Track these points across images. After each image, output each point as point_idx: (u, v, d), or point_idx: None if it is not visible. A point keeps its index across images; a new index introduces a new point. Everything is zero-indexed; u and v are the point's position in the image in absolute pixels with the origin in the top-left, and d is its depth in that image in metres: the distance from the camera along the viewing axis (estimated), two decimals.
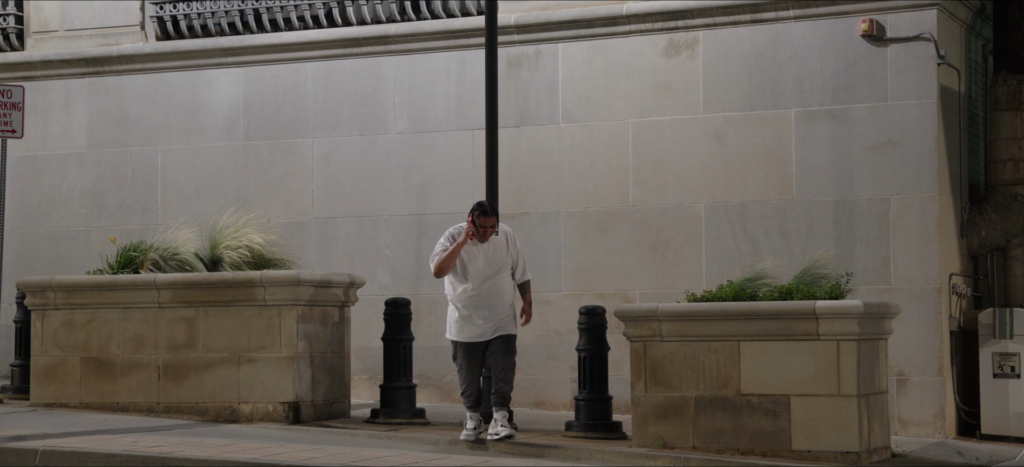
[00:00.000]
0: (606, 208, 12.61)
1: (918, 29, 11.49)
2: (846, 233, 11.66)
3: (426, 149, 13.29)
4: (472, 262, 9.69)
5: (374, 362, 12.06)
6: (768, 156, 12.00)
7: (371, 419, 11.05)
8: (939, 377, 11.24)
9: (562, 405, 12.34)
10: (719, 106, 12.21)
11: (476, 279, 9.68)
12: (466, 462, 8.53)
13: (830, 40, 11.81)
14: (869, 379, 9.56)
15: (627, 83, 12.56)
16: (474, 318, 9.68)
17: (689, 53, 12.33)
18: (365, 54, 13.50)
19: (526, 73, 12.93)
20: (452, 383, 12.98)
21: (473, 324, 9.69)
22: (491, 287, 9.71)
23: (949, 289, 11.44)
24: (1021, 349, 11.14)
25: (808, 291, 9.70)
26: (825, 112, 11.82)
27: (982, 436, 11.16)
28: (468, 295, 9.65)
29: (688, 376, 9.76)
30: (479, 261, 9.71)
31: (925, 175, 11.43)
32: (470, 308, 9.66)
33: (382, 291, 12.78)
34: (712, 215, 12.19)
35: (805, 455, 9.34)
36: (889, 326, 9.99)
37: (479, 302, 9.67)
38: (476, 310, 9.68)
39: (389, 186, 13.40)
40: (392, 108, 13.46)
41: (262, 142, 13.85)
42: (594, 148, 12.67)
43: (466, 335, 9.72)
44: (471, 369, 9.79)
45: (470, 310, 9.66)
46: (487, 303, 9.68)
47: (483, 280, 9.68)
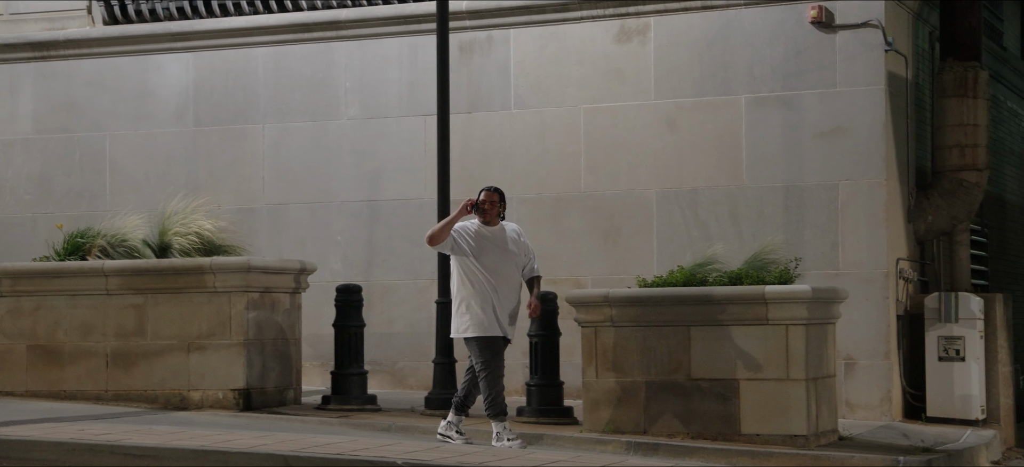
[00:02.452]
0: (558, 194, 12.62)
1: (866, 16, 11.58)
2: (796, 218, 11.74)
3: (378, 135, 13.24)
4: (484, 255, 9.06)
5: (326, 349, 12.02)
6: (719, 142, 12.07)
7: (322, 406, 11.01)
8: (886, 361, 11.36)
9: (514, 391, 12.32)
10: (670, 92, 12.25)
11: (489, 271, 9.04)
12: (417, 447, 8.52)
13: (780, 27, 11.88)
14: (817, 363, 9.65)
15: (579, 69, 12.57)
16: (487, 311, 8.99)
17: (640, 39, 12.36)
18: (316, 39, 13.43)
19: (478, 59, 12.91)
20: (404, 369, 12.97)
21: (490, 318, 8.99)
22: (501, 282, 9.07)
23: (896, 274, 11.56)
24: (966, 333, 11.27)
25: (758, 276, 9.77)
26: (775, 98, 11.89)
27: (927, 419, 11.29)
28: (482, 288, 9.00)
29: (639, 361, 9.80)
30: (491, 255, 9.08)
31: (873, 161, 11.53)
32: (483, 301, 9.00)
33: (334, 277, 12.73)
34: (663, 201, 12.24)
35: (754, 439, 9.41)
36: (837, 311, 10.08)
37: (491, 296, 9.01)
38: (487, 304, 9.01)
39: (341, 172, 13.34)
40: (344, 94, 13.39)
41: (212, 128, 13.74)
42: (546, 134, 12.68)
43: (486, 329, 8.98)
44: (500, 366, 9.01)
45: (483, 303, 9.00)
46: (498, 297, 9.04)
47: (495, 273, 9.05)
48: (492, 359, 8.98)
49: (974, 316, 11.32)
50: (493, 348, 9.00)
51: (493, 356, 9.00)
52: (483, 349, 9.00)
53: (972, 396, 11.20)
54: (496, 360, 9.01)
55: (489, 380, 8.98)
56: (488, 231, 9.18)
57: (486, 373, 8.98)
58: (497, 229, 9.22)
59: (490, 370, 8.97)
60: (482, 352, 8.99)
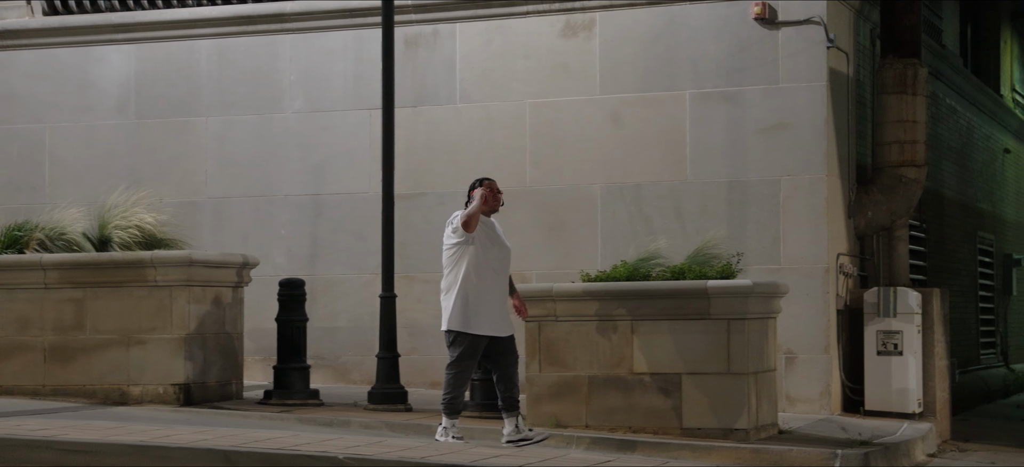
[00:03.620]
0: (503, 188, 12.52)
1: (809, 13, 11.68)
2: (738, 213, 11.83)
3: (323, 129, 13.18)
4: (487, 251, 8.83)
5: (268, 343, 11.95)
6: (663, 137, 12.12)
7: (264, 401, 10.95)
8: (826, 355, 11.48)
9: None
10: (616, 87, 12.29)
11: (491, 268, 8.84)
12: (359, 441, 8.49)
13: (724, 23, 11.95)
14: (758, 357, 9.73)
15: (525, 64, 12.58)
16: (482, 310, 8.79)
17: (586, 34, 12.39)
18: (261, 32, 13.33)
19: (424, 53, 12.88)
20: (348, 364, 12.93)
21: (483, 317, 8.79)
22: (500, 281, 8.89)
23: (837, 269, 11.68)
24: (904, 327, 11.41)
25: (700, 271, 9.83)
26: (719, 94, 11.97)
27: (866, 412, 11.42)
28: (484, 285, 8.77)
29: (582, 356, 9.83)
30: (494, 251, 8.87)
31: (815, 157, 11.63)
32: (482, 300, 8.77)
33: (277, 272, 12.66)
34: (608, 196, 12.28)
35: (695, 432, 9.47)
36: (778, 305, 10.17)
37: (491, 294, 8.80)
38: (486, 303, 8.79)
39: (285, 166, 13.26)
40: (288, 87, 13.32)
41: (155, 120, 13.61)
42: (492, 129, 12.68)
43: (480, 328, 8.76)
44: (471, 369, 8.91)
45: (481, 302, 8.77)
46: (497, 296, 8.86)
47: (497, 271, 8.85)
48: (468, 359, 8.84)
49: (912, 311, 11.46)
50: (474, 349, 8.84)
51: (471, 357, 8.84)
52: (466, 346, 8.83)
53: (909, 390, 11.35)
54: (471, 362, 8.88)
55: (457, 379, 8.86)
56: (488, 223, 8.96)
57: (457, 371, 8.85)
58: (490, 222, 9.02)
59: (461, 369, 8.86)
60: (464, 348, 8.82)
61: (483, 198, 8.82)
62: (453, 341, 8.90)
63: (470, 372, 8.96)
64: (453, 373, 8.89)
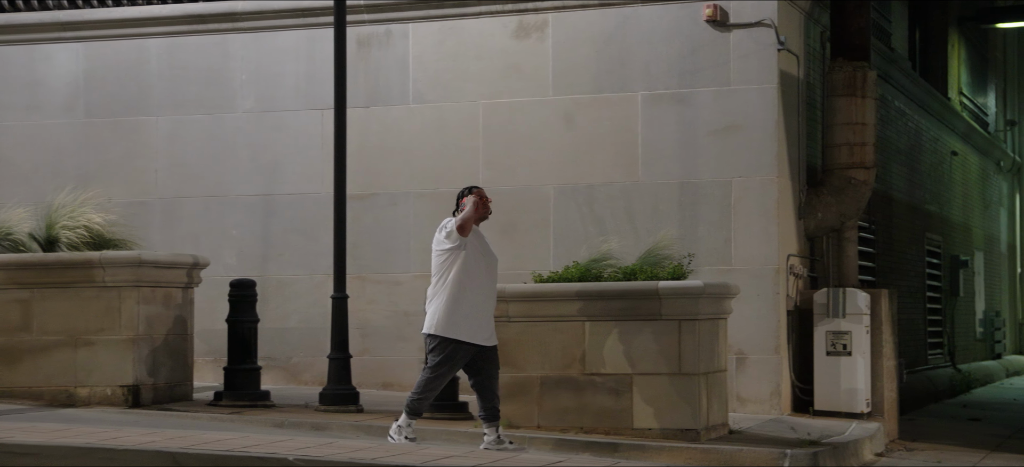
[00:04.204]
0: (456, 189, 12.48)
1: (759, 16, 11.76)
2: (690, 215, 11.89)
3: (275, 129, 13.12)
4: (477, 260, 8.75)
5: (219, 344, 11.87)
6: (616, 138, 12.17)
7: (214, 402, 10.88)
8: (776, 355, 11.56)
9: (410, 386, 12.21)
10: (568, 88, 12.32)
11: (482, 276, 8.76)
12: (310, 443, 8.45)
13: (676, 25, 12.01)
14: (709, 358, 9.78)
15: (478, 64, 12.58)
16: (470, 318, 8.68)
17: (539, 35, 12.41)
18: (211, 31, 13.25)
19: (376, 53, 12.85)
20: (299, 365, 12.87)
21: (470, 325, 8.68)
22: (490, 290, 8.84)
23: (787, 270, 11.77)
24: (853, 328, 11.51)
25: (651, 272, 9.87)
26: (671, 95, 12.02)
27: (815, 412, 11.51)
28: (474, 292, 8.69)
29: (534, 356, 9.84)
30: (483, 260, 8.78)
31: (765, 158, 11.72)
32: (471, 307, 8.68)
33: (228, 272, 12.58)
34: (561, 197, 12.30)
35: (646, 433, 9.51)
36: (729, 306, 10.23)
37: (480, 303, 8.71)
38: (474, 310, 8.69)
39: (236, 166, 13.19)
40: (240, 87, 13.24)
41: (104, 119, 13.48)
42: (445, 129, 12.67)
43: (465, 334, 8.66)
44: (448, 377, 8.81)
45: (470, 309, 8.68)
46: (486, 305, 8.78)
47: (486, 279, 8.78)
48: (447, 366, 8.72)
49: (861, 311, 11.57)
50: (456, 356, 8.72)
51: (451, 364, 8.73)
52: (448, 352, 8.70)
53: (858, 390, 11.45)
54: (451, 369, 8.76)
55: (431, 384, 8.74)
56: (477, 231, 8.85)
57: (435, 376, 8.73)
58: (478, 231, 8.90)
59: (439, 374, 8.73)
60: (445, 354, 8.69)
61: (475, 205, 8.73)
62: (435, 346, 8.74)
63: (446, 379, 8.84)
64: (429, 377, 8.76)
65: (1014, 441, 12.69)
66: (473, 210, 8.73)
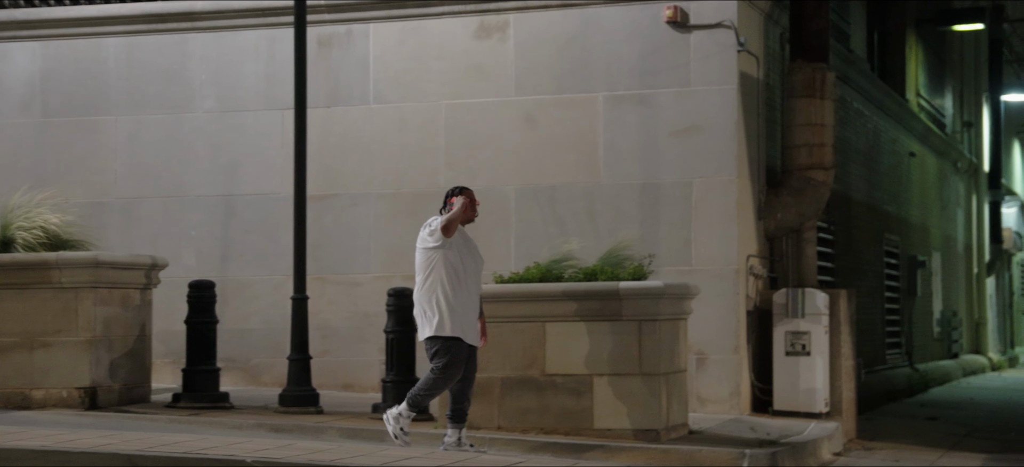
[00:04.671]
0: (417, 190, 12.60)
1: (720, 17, 11.81)
2: (651, 215, 11.93)
3: (235, 129, 13.05)
4: (463, 260, 8.63)
5: (178, 346, 11.78)
6: (577, 139, 12.18)
7: (173, 404, 10.80)
8: (736, 355, 11.62)
9: (371, 387, 12.30)
10: (530, 89, 12.33)
11: (468, 277, 8.64)
12: (269, 444, 8.41)
13: (637, 26, 12.05)
14: (669, 358, 9.81)
15: (439, 65, 12.56)
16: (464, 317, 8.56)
17: (500, 36, 12.41)
18: (171, 31, 13.16)
19: (337, 53, 12.80)
20: (259, 366, 12.80)
21: (464, 324, 8.56)
22: (476, 290, 8.69)
23: (747, 270, 11.83)
24: (812, 328, 11.59)
25: (612, 272, 9.89)
26: (632, 96, 12.05)
27: (774, 412, 11.57)
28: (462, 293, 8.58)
29: (495, 357, 9.84)
30: (469, 261, 8.67)
31: (726, 159, 11.77)
32: (462, 307, 8.57)
33: (187, 273, 12.48)
34: (522, 197, 12.30)
35: (607, 433, 9.53)
36: (689, 306, 10.27)
37: (469, 303, 8.60)
38: (465, 310, 8.58)
39: (196, 166, 13.10)
40: (200, 86, 13.15)
41: (62, 119, 13.36)
42: (406, 130, 12.64)
43: (462, 333, 8.56)
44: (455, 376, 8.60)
45: (461, 309, 8.56)
46: (473, 305, 8.64)
47: (472, 280, 8.67)
48: (454, 367, 8.57)
49: (820, 311, 11.64)
50: (460, 355, 8.59)
51: (458, 363, 8.59)
52: (454, 353, 8.56)
53: (816, 390, 11.52)
54: (458, 368, 8.58)
55: (437, 384, 8.58)
56: (463, 232, 8.77)
57: (442, 377, 8.56)
58: (464, 232, 8.82)
59: (447, 376, 8.56)
60: (451, 355, 8.55)
61: (463, 206, 8.67)
62: (438, 349, 8.59)
63: (453, 379, 8.69)
64: (436, 378, 8.59)
65: (970, 440, 12.82)
66: (460, 211, 8.65)
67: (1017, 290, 30.10)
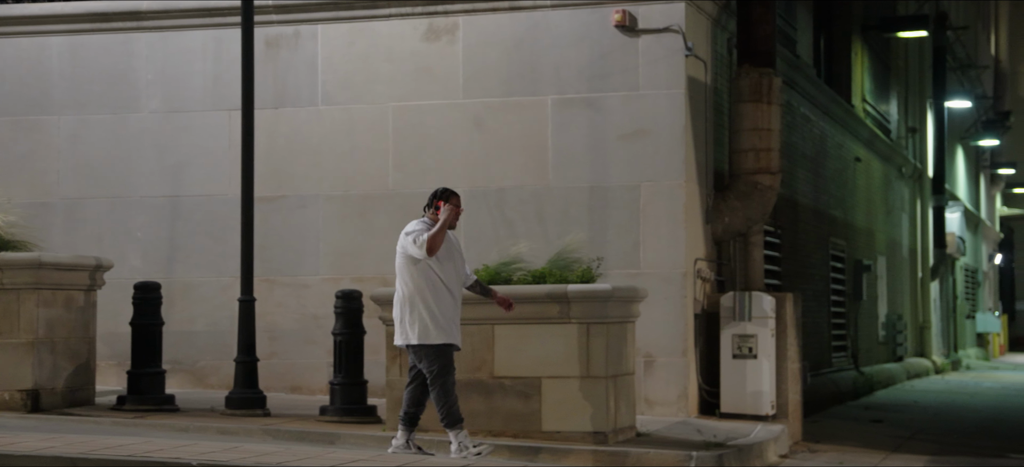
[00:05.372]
0: (366, 192, 12.56)
1: (668, 21, 11.88)
2: (599, 219, 11.96)
3: (181, 129, 12.93)
4: (443, 265, 8.62)
5: (123, 348, 11.66)
6: (526, 142, 12.20)
7: (117, 406, 10.69)
8: (683, 358, 11.68)
9: (318, 390, 12.23)
10: (479, 92, 12.33)
11: (450, 281, 8.63)
12: (215, 447, 8.34)
13: (586, 30, 12.08)
14: (617, 361, 9.84)
15: (388, 67, 12.53)
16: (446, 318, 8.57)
17: (449, 38, 12.40)
18: (116, 30, 13.03)
19: (285, 54, 12.73)
20: (205, 368, 12.70)
21: (448, 325, 8.58)
22: (458, 293, 8.69)
23: (694, 274, 11.89)
24: (758, 331, 11.67)
25: (561, 275, 9.91)
26: (581, 100, 12.09)
27: (722, 414, 11.65)
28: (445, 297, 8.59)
29: None
30: (449, 265, 8.67)
31: (673, 163, 11.84)
32: (445, 311, 8.59)
33: (133, 274, 12.37)
34: (471, 200, 12.28)
35: (555, 436, 9.54)
36: (637, 309, 10.31)
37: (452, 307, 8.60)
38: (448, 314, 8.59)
39: (142, 166, 12.98)
40: (145, 86, 13.02)
41: (3, 118, 13.19)
42: (354, 131, 12.60)
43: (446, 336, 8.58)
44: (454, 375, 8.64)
45: (442, 309, 8.58)
46: (456, 307, 8.65)
47: (455, 284, 8.66)
48: (449, 370, 8.61)
49: (766, 315, 11.73)
50: (449, 356, 8.63)
51: (451, 366, 8.63)
52: (441, 356, 8.58)
53: (763, 392, 11.61)
54: (453, 370, 8.66)
55: (448, 389, 8.59)
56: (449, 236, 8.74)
57: (444, 383, 8.58)
58: (451, 234, 8.82)
59: (448, 380, 8.60)
60: (440, 358, 8.59)
61: (449, 219, 8.62)
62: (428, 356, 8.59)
63: (454, 376, 8.71)
64: (441, 386, 8.60)
65: (913, 442, 12.97)
66: (443, 227, 8.59)
67: (960, 294, 30.51)
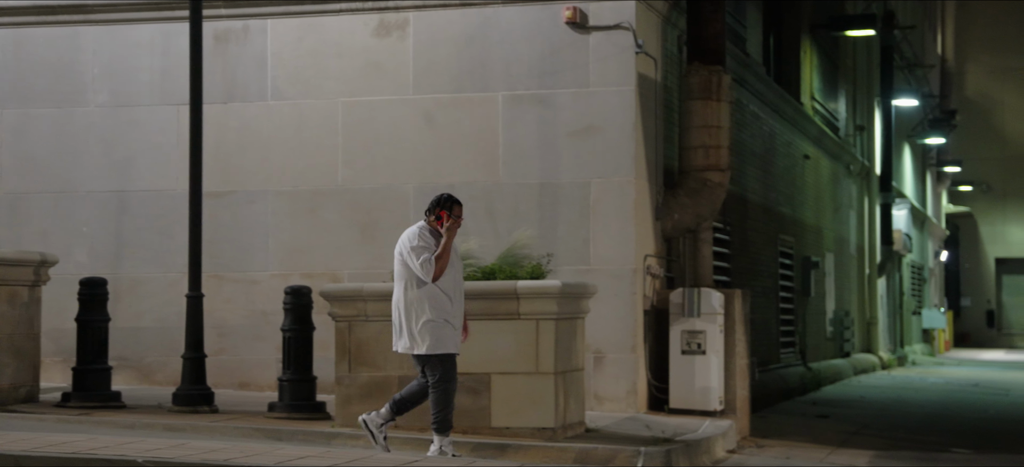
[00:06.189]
0: (316, 187, 12.50)
1: (618, 19, 11.92)
2: (550, 215, 11.99)
3: (129, 124, 12.81)
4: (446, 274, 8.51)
5: (69, 344, 11.54)
6: (477, 138, 12.20)
7: (62, 403, 10.58)
8: (633, 354, 11.73)
9: (268, 386, 12.17)
10: (429, 88, 12.31)
11: (452, 287, 8.55)
12: (162, 444, 8.27)
13: (537, 26, 12.10)
14: (566, 357, 9.87)
15: (338, 62, 12.48)
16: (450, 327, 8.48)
17: (400, 34, 12.37)
18: (61, 23, 12.88)
19: (234, 49, 12.64)
20: (153, 365, 12.59)
21: (451, 334, 8.50)
22: (458, 295, 8.58)
23: (644, 270, 11.95)
24: (707, 327, 11.74)
25: (511, 271, 9.92)
26: (531, 96, 12.10)
27: (670, 410, 11.71)
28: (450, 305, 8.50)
29: (393, 356, 9.78)
30: (450, 273, 8.54)
31: (623, 160, 11.88)
32: (451, 319, 8.50)
33: (79, 270, 12.24)
34: (421, 196, 12.26)
35: (504, 431, 9.55)
36: (587, 306, 10.34)
37: (456, 313, 8.53)
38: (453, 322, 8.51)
39: (88, 161, 12.84)
40: (92, 80, 12.89)
41: None
42: (304, 127, 12.53)
43: (454, 346, 8.52)
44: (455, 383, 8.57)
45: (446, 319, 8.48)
46: (460, 313, 8.57)
47: (457, 290, 8.58)
48: (453, 377, 8.55)
49: (715, 311, 11.80)
50: (452, 365, 8.57)
51: (454, 372, 8.58)
52: (449, 366, 8.54)
53: (711, 388, 11.68)
54: (455, 377, 8.59)
55: (448, 396, 8.53)
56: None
57: (446, 390, 8.52)
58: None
59: (450, 388, 8.53)
60: (446, 368, 8.52)
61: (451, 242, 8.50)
62: (430, 364, 8.53)
63: (456, 385, 8.64)
64: (442, 392, 8.53)
65: (859, 437, 13.10)
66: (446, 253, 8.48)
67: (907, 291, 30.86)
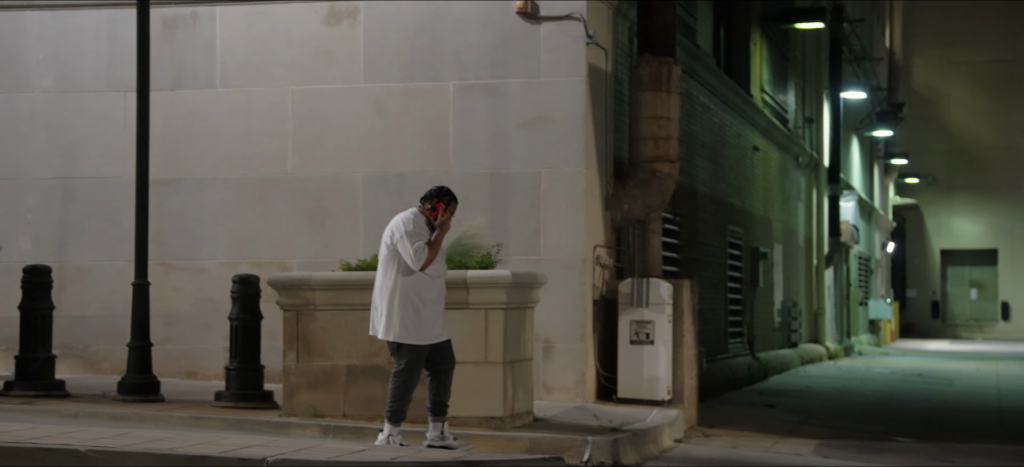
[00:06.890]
0: (264, 176, 12.43)
1: (569, 9, 11.93)
2: (500, 205, 11.99)
3: (74, 110, 12.67)
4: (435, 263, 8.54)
5: (12, 332, 11.40)
6: (427, 127, 12.17)
7: (4, 392, 10.47)
8: (582, 344, 11.77)
9: (215, 375, 12.09)
10: (380, 76, 12.26)
11: (436, 275, 8.55)
12: (106, 434, 8.19)
13: (488, 16, 12.08)
14: (515, 347, 9.88)
15: (288, 50, 12.40)
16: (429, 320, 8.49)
17: (350, 22, 12.31)
18: (5, 7, 12.71)
19: (182, 35, 12.53)
20: (98, 354, 12.47)
21: (430, 327, 8.49)
22: (442, 287, 8.60)
23: (593, 260, 11.98)
24: (656, 317, 11.80)
25: (460, 261, 9.91)
26: (482, 86, 12.09)
27: (619, 399, 11.76)
28: (430, 294, 8.49)
29: (341, 345, 9.77)
30: (439, 260, 8.57)
31: (574, 151, 11.90)
32: (429, 309, 8.50)
33: (23, 257, 12.10)
34: (371, 185, 12.24)
35: (452, 420, 9.50)
36: (536, 295, 10.36)
37: (436, 303, 8.52)
38: (432, 311, 8.50)
39: (32, 147, 12.69)
40: (36, 66, 12.73)
41: None
42: (253, 114, 12.45)
43: (424, 337, 8.48)
44: (418, 376, 8.57)
45: (428, 311, 8.49)
46: (440, 303, 8.57)
47: (440, 276, 8.58)
48: (416, 368, 8.53)
49: (663, 301, 11.86)
50: (421, 357, 8.53)
51: (418, 365, 8.54)
52: (414, 355, 8.49)
53: (659, 378, 11.74)
54: (419, 370, 8.55)
55: (406, 387, 8.49)
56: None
57: (406, 380, 8.49)
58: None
59: (410, 377, 8.51)
60: (411, 358, 8.49)
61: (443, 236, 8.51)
62: (398, 350, 8.51)
63: (417, 380, 8.62)
64: (401, 382, 8.50)
65: (805, 426, 13.23)
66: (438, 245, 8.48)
67: (854, 282, 31.19)
